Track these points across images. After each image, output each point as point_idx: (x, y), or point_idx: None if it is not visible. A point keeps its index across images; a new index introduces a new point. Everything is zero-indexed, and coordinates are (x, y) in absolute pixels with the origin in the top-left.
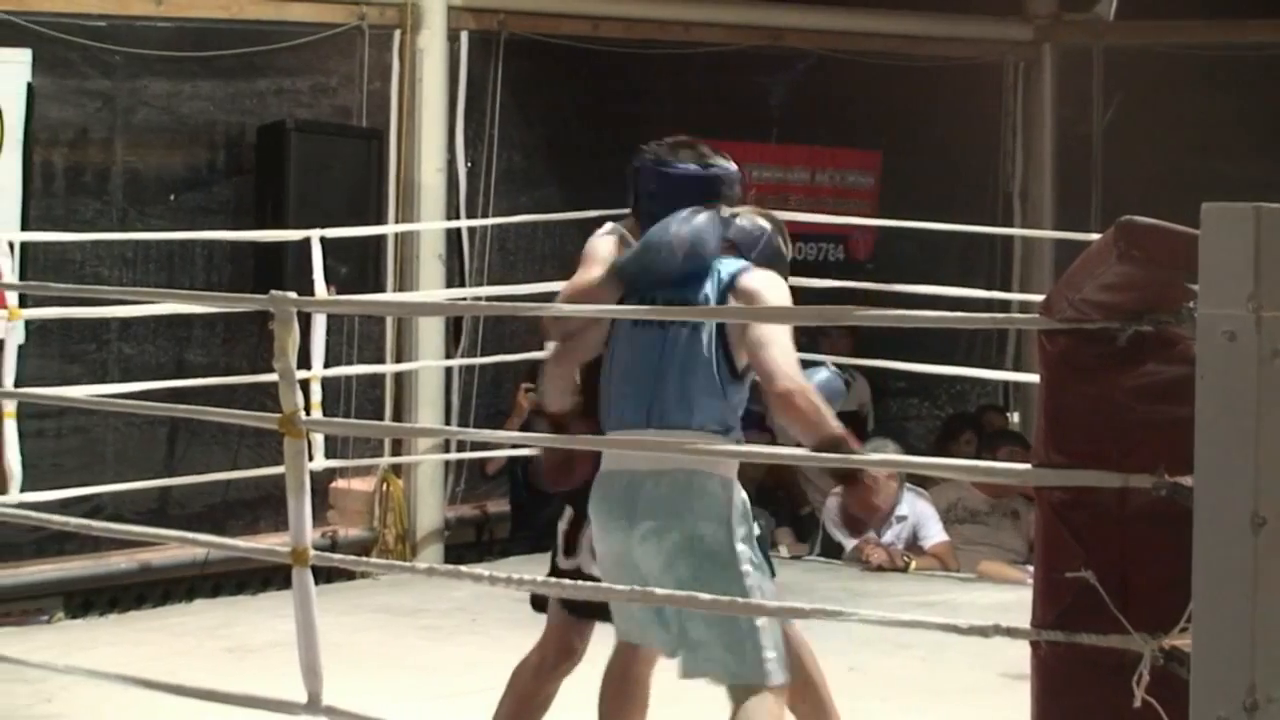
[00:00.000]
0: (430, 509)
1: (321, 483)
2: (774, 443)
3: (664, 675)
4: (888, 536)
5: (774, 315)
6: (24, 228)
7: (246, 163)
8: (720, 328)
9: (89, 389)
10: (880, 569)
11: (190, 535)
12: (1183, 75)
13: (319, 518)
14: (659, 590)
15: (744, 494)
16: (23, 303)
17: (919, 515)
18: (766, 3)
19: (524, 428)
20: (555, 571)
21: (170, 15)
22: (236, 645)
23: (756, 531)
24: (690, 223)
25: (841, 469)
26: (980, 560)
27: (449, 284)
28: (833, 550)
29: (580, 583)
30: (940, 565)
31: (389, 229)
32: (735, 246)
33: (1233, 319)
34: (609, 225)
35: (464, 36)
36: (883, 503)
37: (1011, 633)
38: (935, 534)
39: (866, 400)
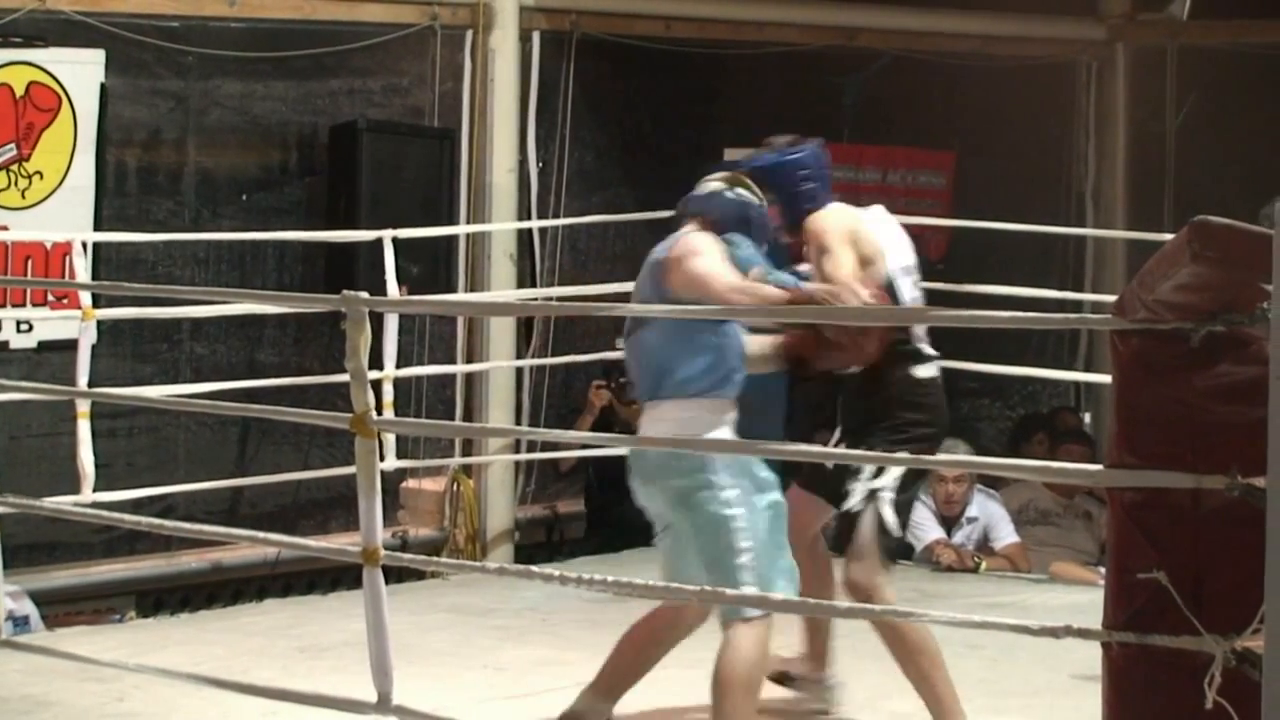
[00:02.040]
0: (501, 509)
1: (392, 483)
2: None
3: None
4: (958, 538)
5: (855, 315)
6: (97, 228)
7: (319, 163)
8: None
9: (161, 389)
10: (950, 570)
11: (261, 535)
12: (1256, 75)
13: (390, 518)
14: (728, 591)
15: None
16: (96, 303)
17: (990, 516)
18: (840, 2)
19: (596, 426)
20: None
21: (243, 16)
22: (307, 645)
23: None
24: None
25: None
26: (1052, 561)
27: (520, 284)
28: (903, 551)
29: (652, 583)
30: (1011, 566)
31: (460, 229)
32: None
33: None
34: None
35: (536, 36)
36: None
37: (1083, 634)
38: (1006, 535)
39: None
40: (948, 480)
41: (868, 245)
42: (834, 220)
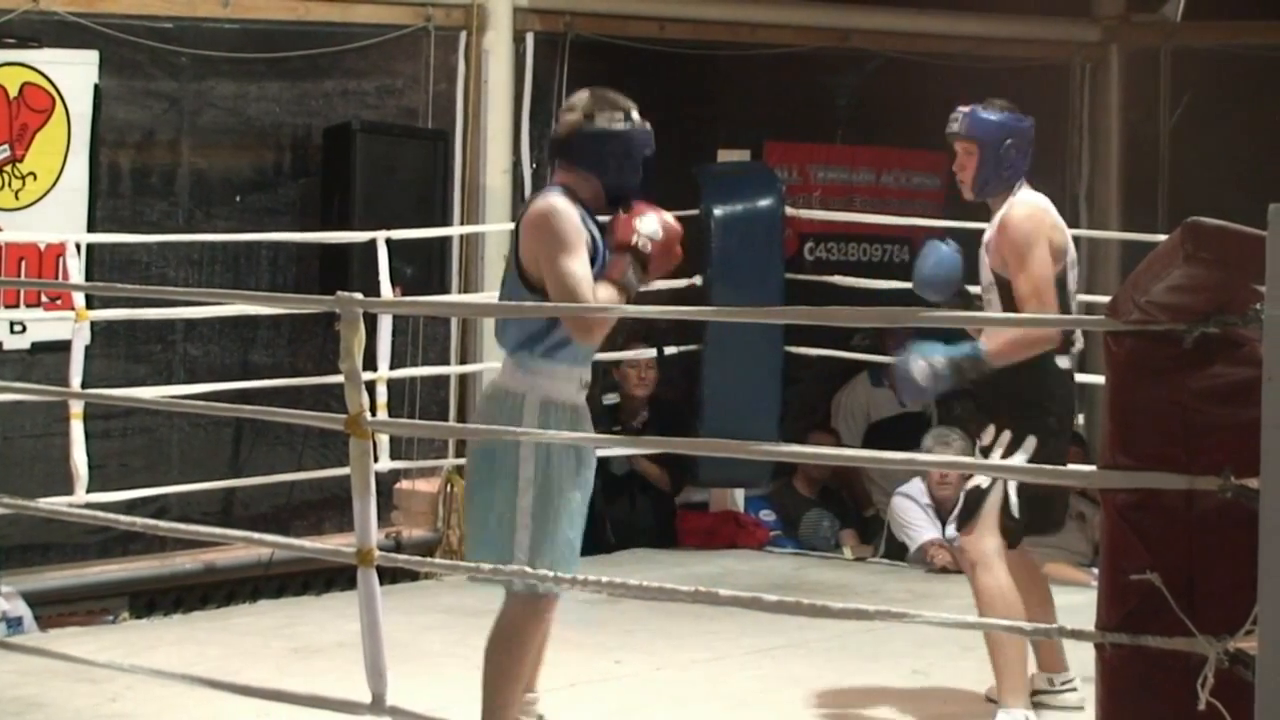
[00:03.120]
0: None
1: (386, 484)
2: (838, 443)
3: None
4: (951, 531)
5: (840, 315)
6: (91, 229)
7: (312, 164)
8: (517, 257)
9: (155, 390)
10: (944, 570)
11: (255, 536)
12: (1251, 76)
13: (384, 518)
14: (723, 592)
15: (564, 417)
16: (89, 304)
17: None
18: (834, 4)
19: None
20: None
21: (237, 17)
22: (301, 645)
23: (571, 462)
24: None
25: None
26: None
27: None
28: (897, 552)
29: (645, 584)
30: None
31: (454, 230)
32: None
33: None
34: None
35: (530, 38)
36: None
37: (1077, 635)
38: None
39: (930, 399)
40: None
41: (1060, 239)
42: (1034, 218)
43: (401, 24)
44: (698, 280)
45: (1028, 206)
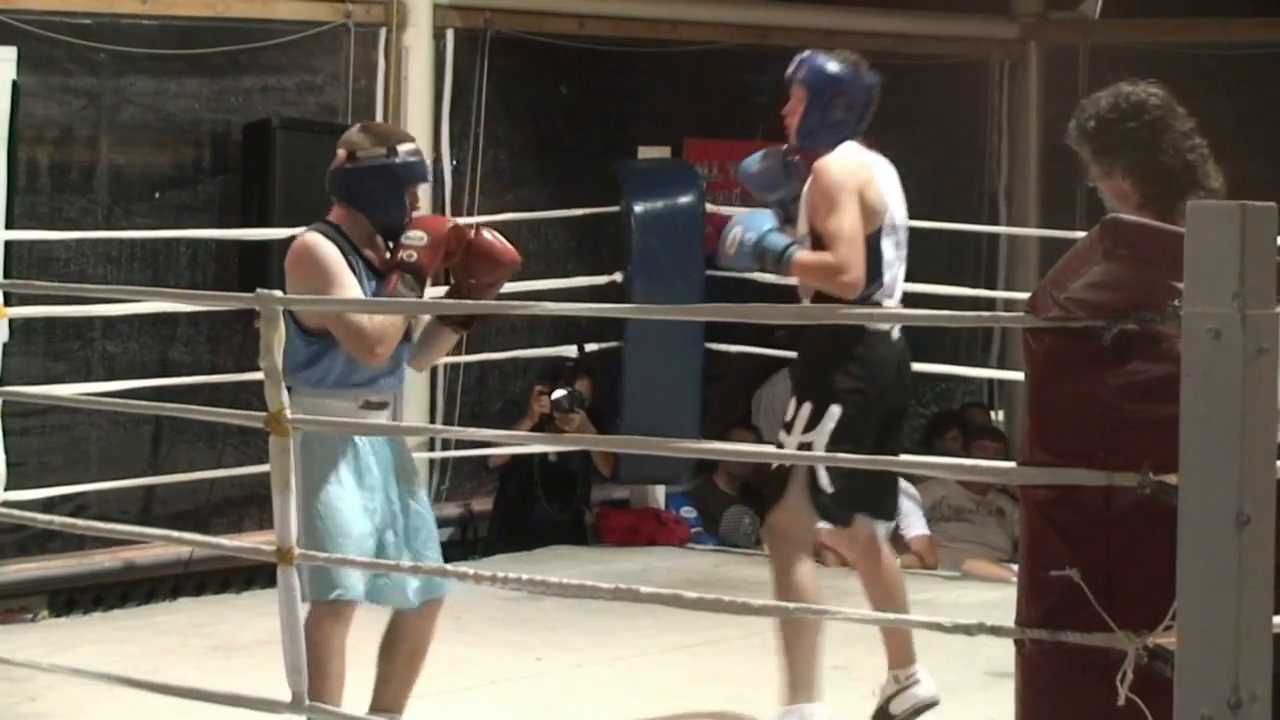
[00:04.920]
0: None
1: None
2: (759, 440)
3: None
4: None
5: (761, 313)
6: (8, 226)
7: (232, 161)
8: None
9: (73, 387)
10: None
11: (175, 534)
12: (1170, 73)
13: None
14: (644, 589)
15: (329, 444)
16: (7, 301)
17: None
18: (754, 1)
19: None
20: None
21: (155, 13)
22: (221, 644)
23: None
24: None
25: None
26: (965, 558)
27: (435, 282)
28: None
29: (565, 581)
30: (920, 563)
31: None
32: None
33: (1218, 317)
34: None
35: (450, 34)
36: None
37: (996, 631)
38: (916, 527)
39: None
40: None
41: (875, 198)
42: (845, 169)
43: (321, 20)
44: (618, 277)
45: (843, 159)
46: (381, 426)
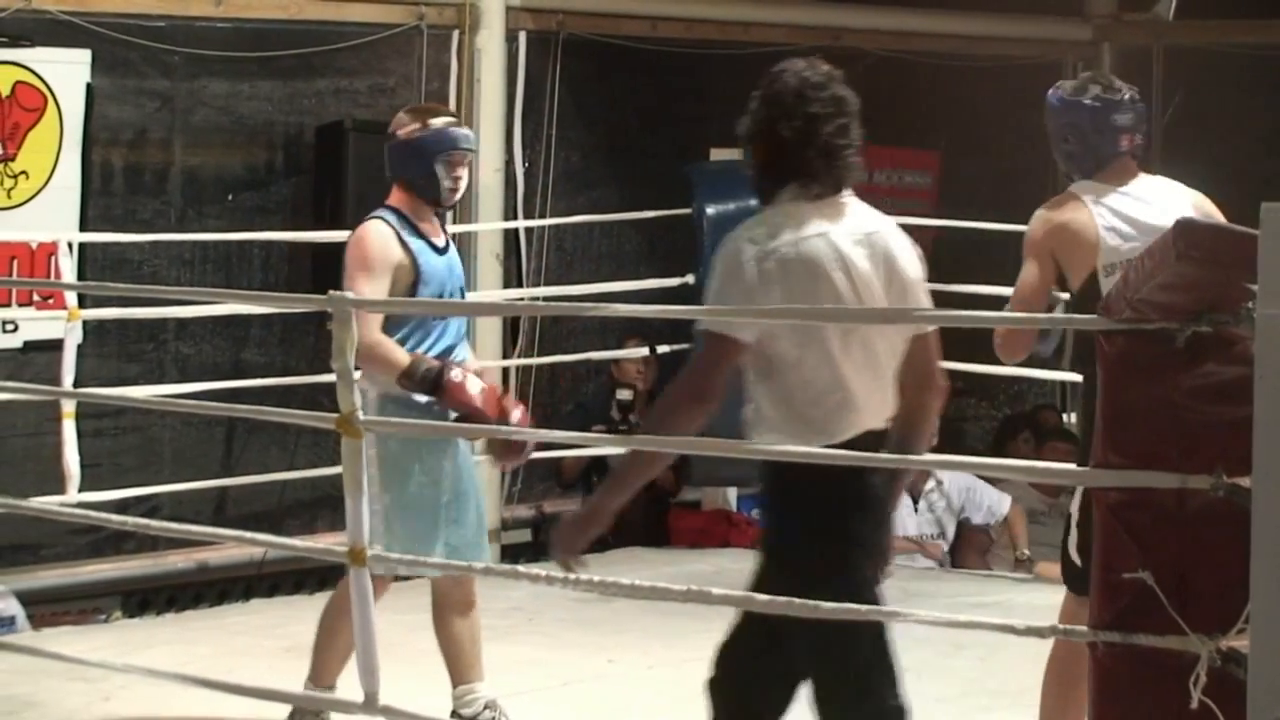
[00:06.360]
0: (487, 509)
1: None
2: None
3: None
4: (922, 509)
5: (838, 316)
6: (83, 228)
7: (305, 163)
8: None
9: (147, 389)
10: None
11: (247, 535)
12: (1243, 75)
13: None
14: (716, 590)
15: (400, 411)
16: (81, 303)
17: (961, 480)
18: (826, 3)
19: None
20: None
21: (229, 16)
22: (293, 645)
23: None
24: None
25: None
26: (1038, 561)
27: (506, 284)
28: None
29: (637, 583)
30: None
31: (447, 229)
32: None
33: None
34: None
35: (522, 36)
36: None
37: (1069, 633)
38: (997, 500)
39: None
40: None
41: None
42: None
43: (394, 23)
44: (690, 279)
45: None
46: (453, 428)
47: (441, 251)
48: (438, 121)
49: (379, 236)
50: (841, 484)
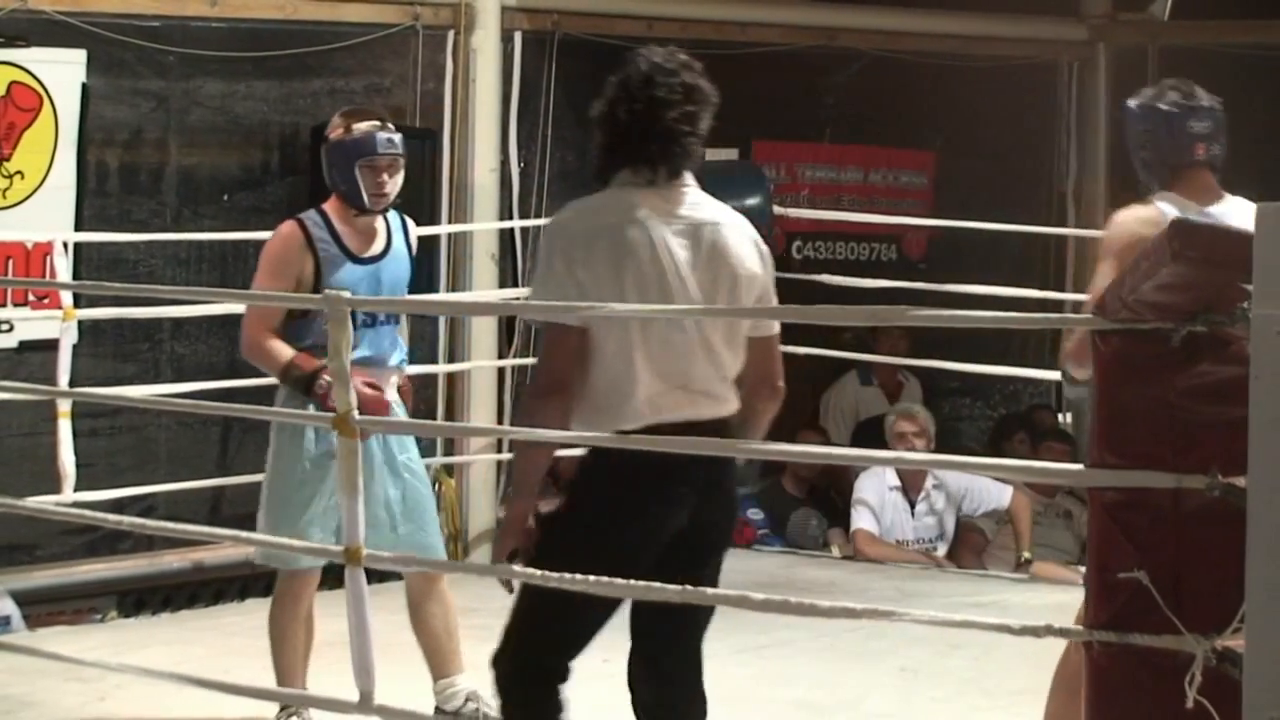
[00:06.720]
0: (483, 509)
1: None
2: (826, 442)
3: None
4: (921, 508)
5: (825, 314)
6: (78, 227)
7: (300, 163)
8: None
9: (142, 389)
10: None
11: (243, 535)
12: (1238, 75)
13: None
14: (710, 590)
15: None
16: (77, 302)
17: (962, 478)
18: (822, 3)
19: None
20: None
21: (224, 16)
22: None
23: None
24: None
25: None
26: (1034, 561)
27: (502, 284)
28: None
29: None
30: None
31: (442, 229)
32: None
33: None
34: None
35: (518, 37)
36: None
37: (1064, 633)
38: (997, 491)
39: (919, 400)
40: (908, 435)
41: None
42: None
43: (389, 23)
44: None
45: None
46: (445, 427)
47: (368, 260)
48: (362, 126)
49: (281, 239)
50: (631, 467)
